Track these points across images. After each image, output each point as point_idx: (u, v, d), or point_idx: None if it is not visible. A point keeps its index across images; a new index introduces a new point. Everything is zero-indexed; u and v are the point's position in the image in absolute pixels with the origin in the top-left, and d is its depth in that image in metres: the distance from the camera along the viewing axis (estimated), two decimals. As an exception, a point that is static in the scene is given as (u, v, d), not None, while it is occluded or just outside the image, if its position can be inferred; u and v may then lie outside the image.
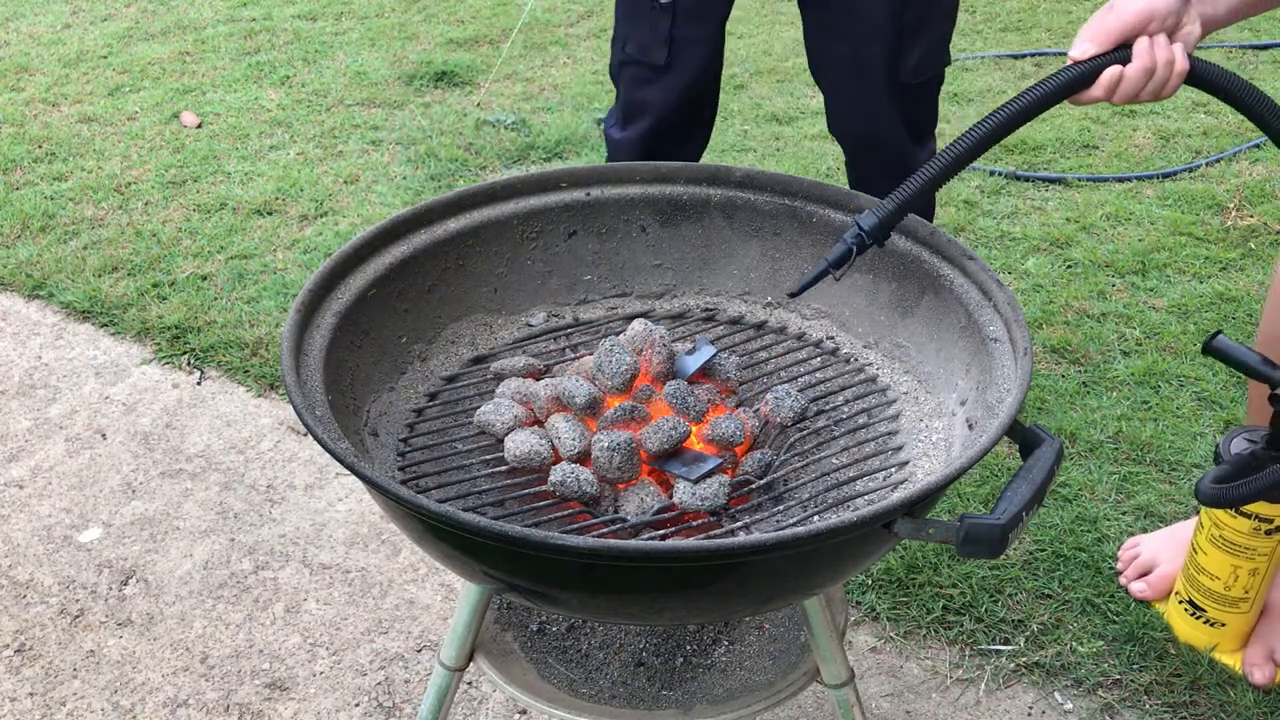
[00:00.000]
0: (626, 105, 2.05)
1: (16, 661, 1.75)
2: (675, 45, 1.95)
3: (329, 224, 2.85)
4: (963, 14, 4.23)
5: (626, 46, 2.00)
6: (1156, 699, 1.64)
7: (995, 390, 1.14)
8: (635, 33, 1.98)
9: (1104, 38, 1.17)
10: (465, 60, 3.80)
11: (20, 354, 2.45)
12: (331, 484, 2.09)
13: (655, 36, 1.95)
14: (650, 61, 1.97)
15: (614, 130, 2.10)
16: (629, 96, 2.04)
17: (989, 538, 0.95)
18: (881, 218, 1.17)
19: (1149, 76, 1.17)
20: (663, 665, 1.33)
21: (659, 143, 2.04)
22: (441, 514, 0.96)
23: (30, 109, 3.49)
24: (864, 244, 1.18)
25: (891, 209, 1.17)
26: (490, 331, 1.42)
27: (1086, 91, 1.19)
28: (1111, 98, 1.18)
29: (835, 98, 1.98)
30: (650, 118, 2.02)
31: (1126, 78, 1.17)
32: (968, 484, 1.97)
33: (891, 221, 1.18)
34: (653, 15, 1.92)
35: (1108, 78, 1.17)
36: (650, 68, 1.97)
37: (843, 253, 1.18)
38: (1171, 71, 1.18)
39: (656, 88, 1.99)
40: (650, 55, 1.97)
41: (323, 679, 1.72)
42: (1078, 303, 2.48)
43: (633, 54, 1.99)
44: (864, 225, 1.18)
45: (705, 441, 1.21)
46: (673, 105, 2.00)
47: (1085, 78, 1.18)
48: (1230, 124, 3.32)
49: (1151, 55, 1.17)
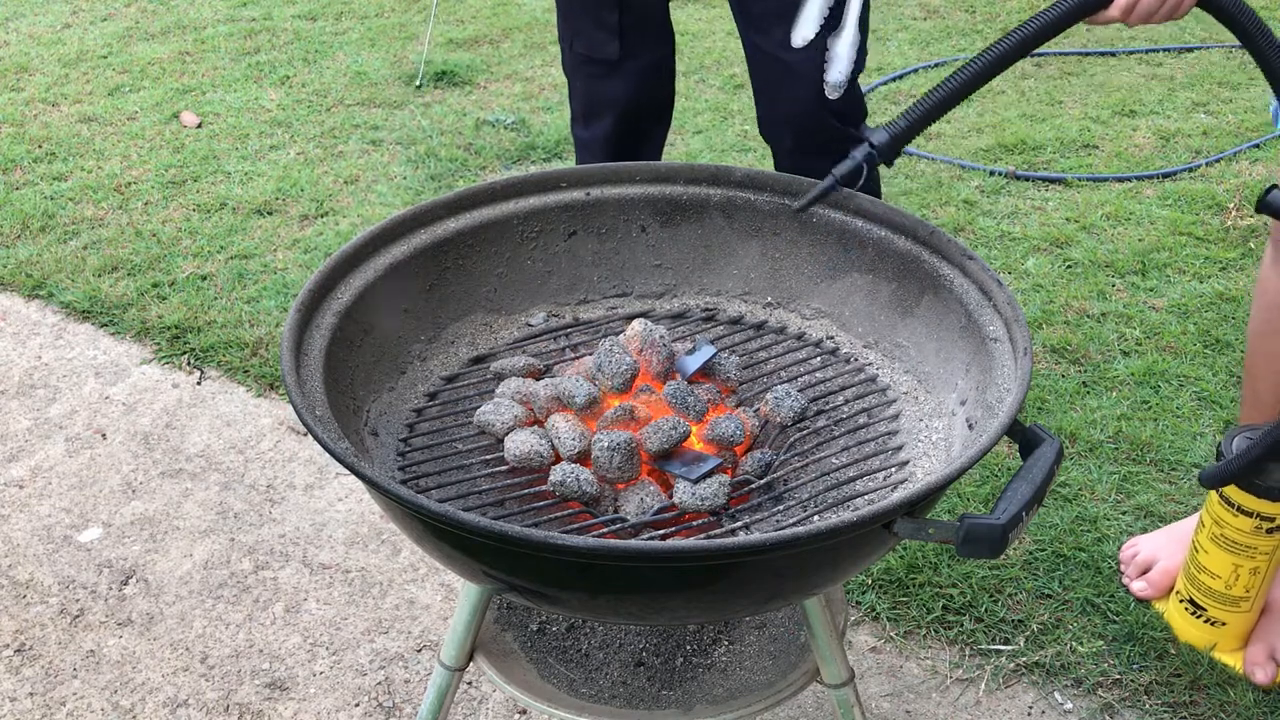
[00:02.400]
0: (586, 103, 2.00)
1: (16, 661, 1.75)
2: (626, 38, 1.90)
3: (329, 224, 2.86)
4: (963, 14, 4.23)
5: (574, 45, 1.95)
6: (1156, 699, 1.64)
7: (995, 390, 1.14)
8: (583, 29, 1.92)
9: None
10: (465, 60, 3.80)
11: (20, 354, 2.45)
12: (331, 484, 2.09)
13: (605, 32, 1.89)
14: (604, 58, 1.92)
15: (579, 130, 2.05)
16: (588, 94, 1.98)
17: (989, 538, 0.95)
18: (893, 135, 1.14)
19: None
20: (663, 665, 1.33)
21: (625, 135, 2.00)
22: (441, 514, 0.96)
23: (30, 109, 3.49)
24: (874, 161, 1.16)
25: (903, 126, 1.14)
26: (490, 331, 1.42)
27: (1103, 11, 1.16)
28: (1127, 19, 1.16)
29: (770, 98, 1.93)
30: (612, 113, 1.98)
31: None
32: (968, 484, 1.97)
33: (903, 140, 1.14)
34: (599, 10, 1.87)
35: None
36: (604, 64, 1.93)
37: (853, 168, 1.16)
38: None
39: (614, 82, 1.95)
40: (603, 51, 1.91)
41: (323, 679, 1.72)
42: (1078, 303, 2.48)
43: (582, 51, 1.94)
44: (875, 141, 1.15)
45: (705, 441, 1.21)
46: (632, 98, 1.96)
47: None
48: (1230, 124, 3.33)
49: None
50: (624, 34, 1.89)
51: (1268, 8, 4.16)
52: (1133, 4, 1.15)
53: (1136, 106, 3.44)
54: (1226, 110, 3.42)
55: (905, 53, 3.83)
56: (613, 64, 1.92)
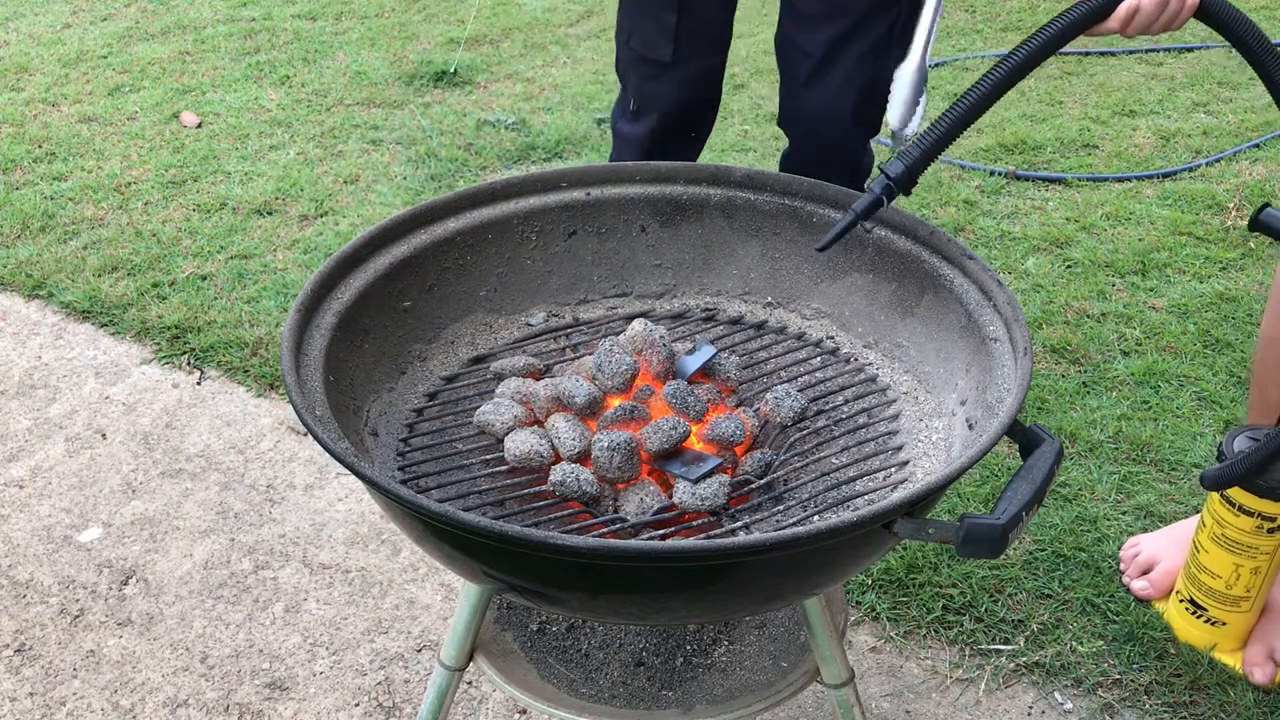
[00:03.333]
0: (635, 100, 2.04)
1: (16, 661, 1.75)
2: (681, 41, 1.93)
3: (329, 224, 2.86)
4: (963, 14, 4.23)
5: (631, 41, 1.99)
6: (1156, 699, 1.64)
7: (995, 390, 1.14)
8: (640, 28, 1.96)
9: None
10: (465, 60, 3.80)
11: (20, 354, 2.45)
12: (331, 484, 2.09)
13: (661, 33, 1.93)
14: (656, 58, 1.96)
15: (622, 125, 2.09)
16: (638, 92, 2.02)
17: (989, 538, 0.95)
18: (908, 165, 1.15)
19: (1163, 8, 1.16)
20: (663, 665, 1.33)
21: (666, 136, 2.04)
22: (441, 514, 0.96)
23: (30, 109, 3.49)
24: (892, 192, 1.16)
25: (917, 155, 1.15)
26: (490, 331, 1.42)
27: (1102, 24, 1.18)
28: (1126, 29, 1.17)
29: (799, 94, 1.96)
30: (657, 113, 2.01)
31: (1142, 9, 1.16)
32: (968, 484, 1.97)
33: (918, 169, 1.15)
34: (659, 11, 1.91)
35: (1124, 9, 1.16)
36: (656, 64, 1.96)
37: (871, 202, 1.16)
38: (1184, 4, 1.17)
39: (663, 83, 1.98)
40: (656, 51, 1.95)
41: (323, 679, 1.72)
42: (1078, 303, 2.48)
43: (637, 49, 1.98)
44: (891, 173, 1.15)
45: (705, 441, 1.21)
46: (679, 100, 2.00)
47: (1101, 10, 1.17)
48: (1230, 124, 3.33)
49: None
50: (679, 38, 1.93)
51: (1268, 7, 4.16)
52: (1131, 15, 1.16)
53: (1136, 106, 3.44)
54: (1226, 110, 3.42)
55: (905, 53, 3.82)
56: (664, 65, 1.96)
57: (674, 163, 1.45)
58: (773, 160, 3.13)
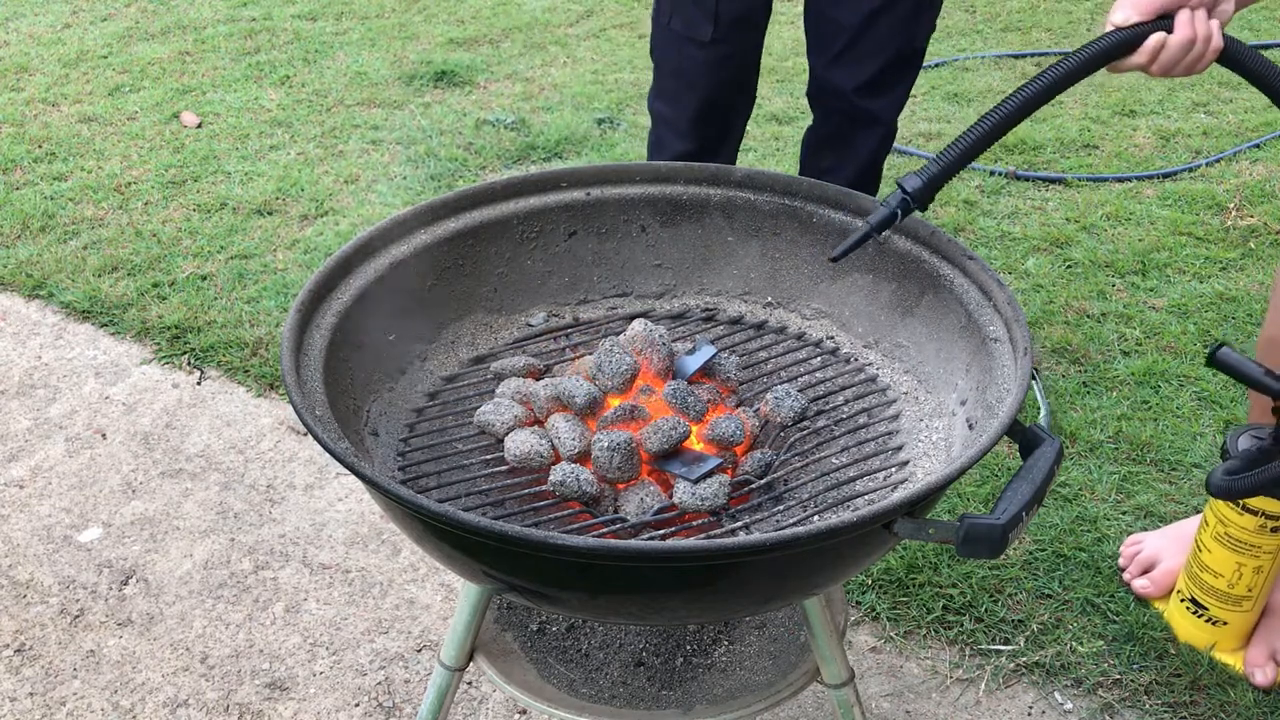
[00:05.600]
0: (674, 80, 2.07)
1: (16, 661, 1.75)
2: (721, 20, 1.97)
3: (329, 224, 2.86)
4: (963, 14, 4.23)
5: (671, 22, 2.03)
6: (1156, 699, 1.64)
7: (995, 390, 1.14)
8: (681, 8, 2.00)
9: (1146, 6, 1.16)
10: (465, 60, 3.80)
11: (20, 354, 2.45)
12: (331, 484, 2.09)
13: (701, 11, 1.97)
14: (696, 38, 1.99)
15: (660, 105, 2.12)
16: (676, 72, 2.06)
17: (989, 537, 0.95)
18: (926, 180, 1.14)
19: (1189, 48, 1.16)
20: (663, 665, 1.33)
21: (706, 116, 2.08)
22: (441, 514, 0.96)
23: (30, 109, 3.49)
24: (909, 207, 1.15)
25: (935, 171, 1.14)
26: (490, 331, 1.42)
27: (1129, 59, 1.17)
28: (1151, 67, 1.17)
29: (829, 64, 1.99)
30: (698, 93, 2.05)
31: (1169, 47, 1.16)
32: (968, 484, 1.97)
33: (936, 185, 1.14)
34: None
35: (1152, 44, 1.16)
36: (696, 43, 2.00)
37: (886, 216, 1.16)
38: (1208, 47, 1.17)
39: (703, 63, 2.02)
40: (697, 31, 1.99)
41: (323, 679, 1.72)
42: (1078, 303, 2.48)
43: (678, 29, 2.01)
44: (908, 188, 1.14)
45: (705, 441, 1.21)
46: (719, 80, 2.03)
47: (1129, 43, 1.16)
48: (1230, 124, 3.33)
49: (1193, 27, 1.16)
50: (719, 17, 1.97)
51: (1268, 8, 4.16)
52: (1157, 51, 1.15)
53: (1136, 106, 3.44)
54: (1226, 110, 3.42)
55: (905, 53, 3.82)
56: (704, 44, 2.00)
57: (674, 163, 1.45)
58: (773, 160, 3.13)
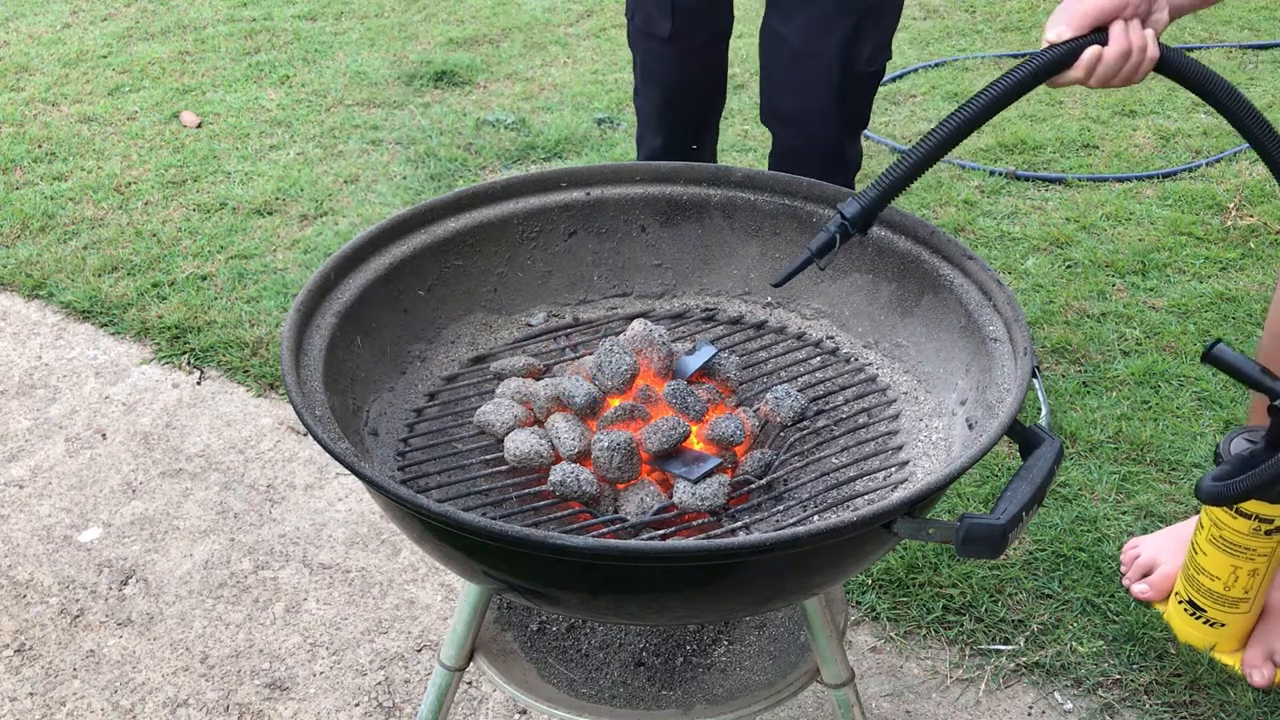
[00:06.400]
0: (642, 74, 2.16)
1: (16, 661, 1.75)
2: (678, 15, 2.04)
3: (329, 224, 2.86)
4: (963, 14, 4.23)
5: (636, 18, 2.11)
6: (1156, 699, 1.64)
7: (995, 390, 1.14)
8: (643, 4, 2.08)
9: (1080, 20, 1.17)
10: (465, 60, 3.80)
11: (20, 354, 2.45)
12: (331, 484, 2.09)
13: (659, 9, 2.05)
14: (656, 33, 2.07)
15: (638, 99, 2.21)
16: (644, 67, 2.15)
17: (989, 537, 0.95)
18: (864, 205, 1.16)
19: (1125, 59, 1.18)
20: (663, 665, 1.33)
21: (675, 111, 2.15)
22: (441, 514, 0.96)
23: (30, 109, 3.49)
24: (847, 232, 1.17)
25: (874, 196, 1.16)
26: (490, 331, 1.42)
27: (1066, 73, 1.19)
28: (1089, 80, 1.18)
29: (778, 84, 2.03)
30: (663, 88, 2.13)
31: (1105, 59, 1.17)
32: (968, 484, 1.97)
33: (875, 209, 1.16)
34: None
35: (1088, 58, 1.17)
36: (657, 39, 2.08)
37: (825, 241, 1.17)
38: (1144, 57, 1.19)
39: (663, 59, 2.10)
40: (656, 27, 2.07)
41: (323, 679, 1.72)
42: (1078, 303, 2.48)
43: (640, 25, 2.10)
44: (846, 213, 1.16)
45: (705, 441, 1.21)
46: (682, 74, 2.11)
47: (1065, 59, 1.18)
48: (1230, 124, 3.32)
49: (1127, 39, 1.17)
50: (675, 13, 2.04)
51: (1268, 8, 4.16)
52: (1094, 64, 1.17)
53: (1136, 106, 3.44)
54: (1226, 110, 3.42)
55: (905, 53, 3.83)
56: (664, 40, 2.08)
57: (674, 163, 1.45)
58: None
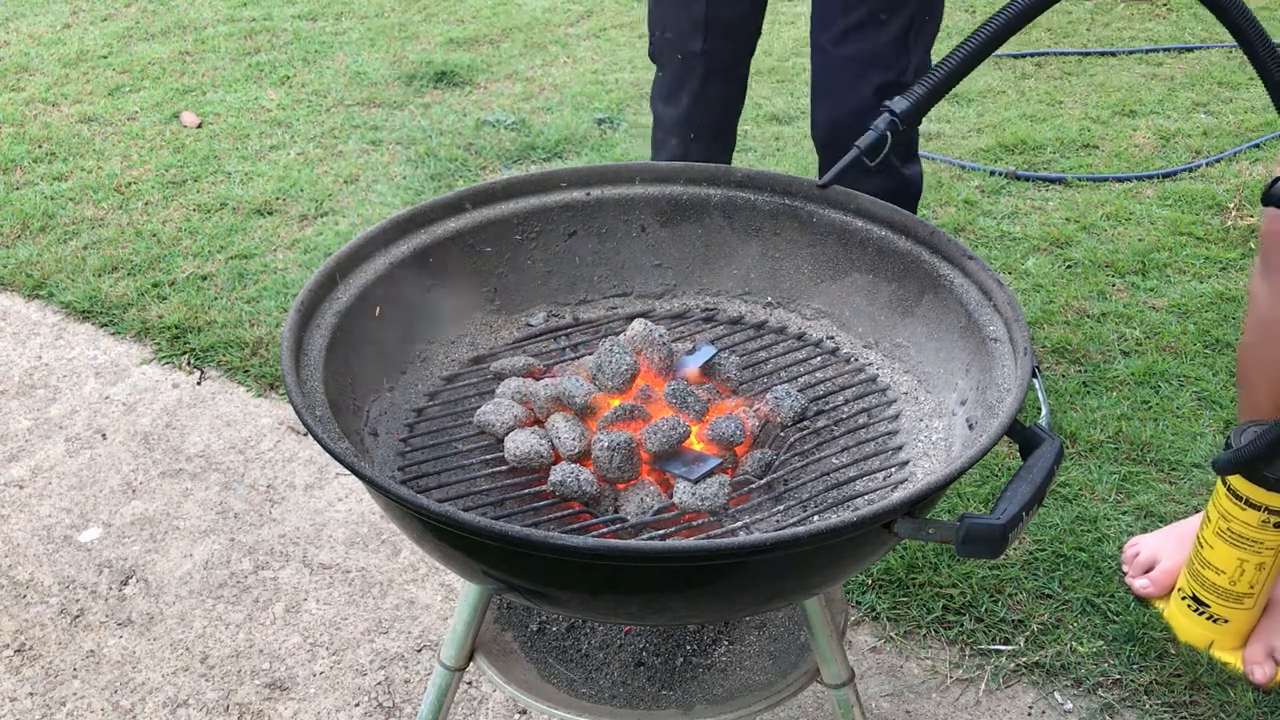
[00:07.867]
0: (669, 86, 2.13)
1: (16, 661, 1.75)
2: (712, 32, 2.01)
3: (329, 224, 2.85)
4: (963, 14, 4.23)
5: (666, 33, 2.07)
6: (1156, 699, 1.64)
7: (995, 390, 1.14)
8: (673, 20, 2.05)
9: None
10: (465, 60, 3.80)
11: (20, 354, 2.45)
12: (331, 484, 2.09)
13: (692, 24, 2.02)
14: (689, 49, 2.04)
15: (659, 105, 2.18)
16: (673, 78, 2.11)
17: (989, 537, 0.95)
18: (914, 101, 1.13)
19: None
20: (663, 665, 1.33)
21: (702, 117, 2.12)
22: (441, 514, 0.96)
23: (30, 109, 3.49)
24: (897, 129, 1.14)
25: (923, 93, 1.13)
26: (490, 331, 1.42)
27: None
28: None
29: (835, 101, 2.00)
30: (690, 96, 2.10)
31: None
32: (968, 484, 1.97)
33: (925, 106, 1.13)
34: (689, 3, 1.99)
35: None
36: (690, 54, 2.05)
37: (875, 139, 1.15)
38: None
39: (694, 72, 2.06)
40: (688, 42, 2.04)
41: (323, 679, 1.72)
42: (1078, 303, 2.48)
43: (670, 38, 2.06)
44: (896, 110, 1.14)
45: (705, 441, 1.21)
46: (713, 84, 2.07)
47: None
48: (1230, 124, 3.33)
49: None
50: (709, 29, 2.02)
51: (1268, 8, 4.16)
52: None
53: (1136, 106, 3.44)
54: (1226, 110, 3.42)
55: (905, 53, 3.82)
56: (697, 54, 2.05)
57: (674, 163, 1.45)
58: (773, 160, 3.13)
